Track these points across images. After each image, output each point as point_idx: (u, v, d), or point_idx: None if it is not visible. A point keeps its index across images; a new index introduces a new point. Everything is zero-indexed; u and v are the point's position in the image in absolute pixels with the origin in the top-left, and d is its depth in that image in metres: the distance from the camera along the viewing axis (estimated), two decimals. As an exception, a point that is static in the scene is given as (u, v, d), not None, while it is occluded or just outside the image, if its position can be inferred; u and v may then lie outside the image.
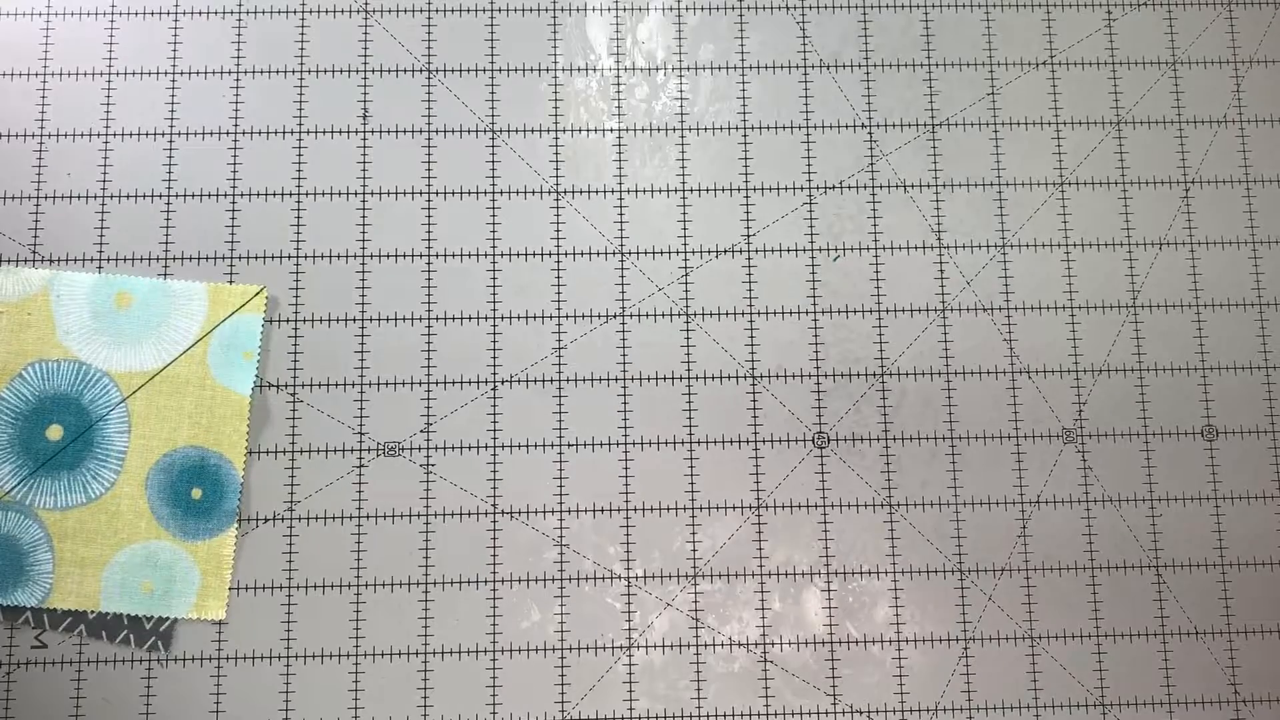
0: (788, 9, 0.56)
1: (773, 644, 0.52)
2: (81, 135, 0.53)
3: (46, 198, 0.53)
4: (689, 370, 0.53)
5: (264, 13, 0.55)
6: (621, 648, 0.52)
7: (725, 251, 0.54)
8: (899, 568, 0.53)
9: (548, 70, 0.55)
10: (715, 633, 0.52)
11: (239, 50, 0.54)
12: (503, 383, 0.53)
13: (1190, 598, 0.53)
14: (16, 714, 0.50)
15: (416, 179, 0.54)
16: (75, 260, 0.52)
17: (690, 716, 0.51)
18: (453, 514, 0.52)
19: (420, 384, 0.53)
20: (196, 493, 0.51)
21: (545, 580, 0.52)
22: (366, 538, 0.52)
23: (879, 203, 0.55)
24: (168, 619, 0.50)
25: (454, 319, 0.53)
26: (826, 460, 0.53)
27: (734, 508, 0.53)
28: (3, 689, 0.50)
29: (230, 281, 0.53)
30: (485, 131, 0.54)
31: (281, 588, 0.51)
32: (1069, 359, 0.54)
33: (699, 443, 0.53)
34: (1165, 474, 0.54)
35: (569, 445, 0.53)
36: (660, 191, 0.54)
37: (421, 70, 0.55)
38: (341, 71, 0.54)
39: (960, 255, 0.55)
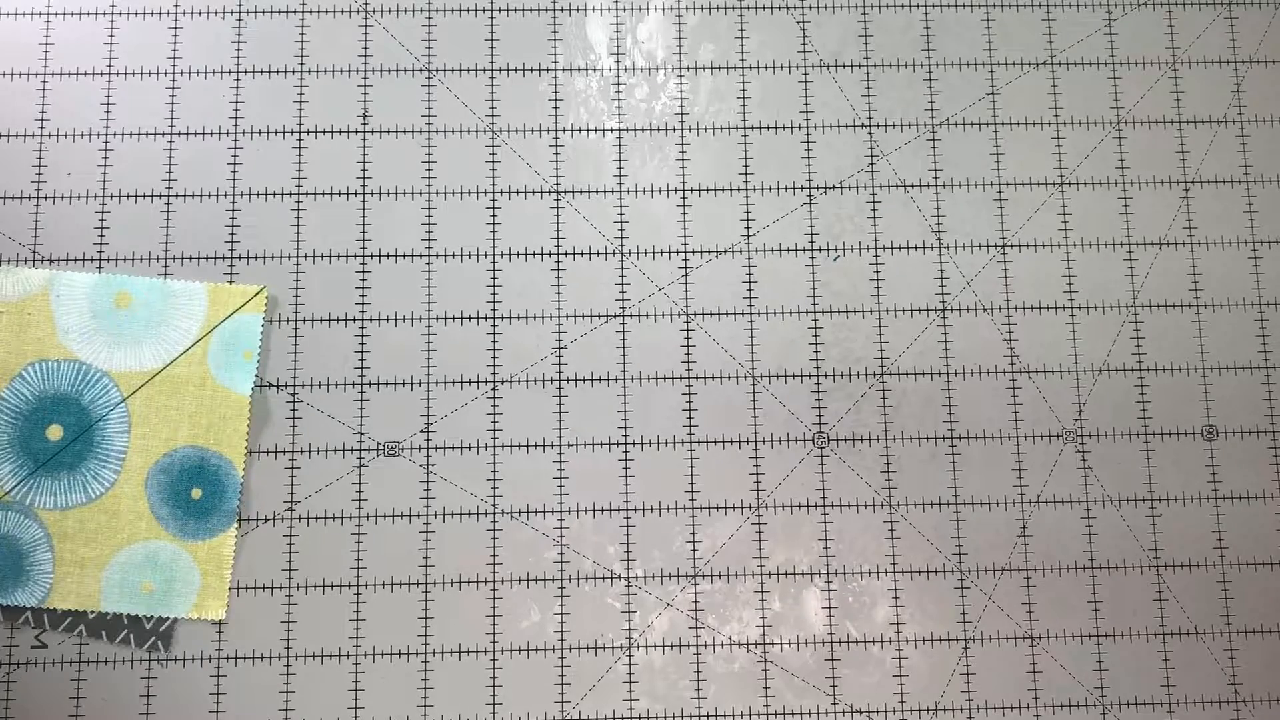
0: (788, 9, 0.56)
1: (773, 644, 0.52)
2: (81, 135, 0.53)
3: (46, 198, 0.53)
4: (689, 370, 0.53)
5: (264, 13, 0.55)
6: (621, 648, 0.52)
7: (725, 251, 0.54)
8: (899, 568, 0.53)
9: (548, 70, 0.55)
10: (715, 633, 0.52)
11: (239, 50, 0.54)
12: (503, 383, 0.53)
13: (1190, 598, 0.53)
14: (16, 714, 0.50)
15: (416, 179, 0.54)
16: (75, 260, 0.52)
17: (690, 716, 0.51)
18: (453, 514, 0.52)
19: (420, 384, 0.53)
20: (196, 493, 0.51)
21: (545, 580, 0.52)
22: (366, 538, 0.52)
23: (879, 203, 0.55)
24: (168, 619, 0.50)
25: (454, 319, 0.53)
26: (826, 460, 0.53)
27: (734, 508, 0.53)
28: (3, 689, 0.50)
29: (230, 281, 0.53)
30: (485, 131, 0.54)
31: (281, 588, 0.51)
32: (1069, 359, 0.54)
33: (699, 443, 0.53)
34: (1165, 474, 0.54)
35: (569, 445, 0.53)
36: (660, 191, 0.54)
37: (421, 70, 0.55)
38: (341, 71, 0.54)
39: (960, 255, 0.55)
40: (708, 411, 0.53)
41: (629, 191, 0.54)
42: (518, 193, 0.54)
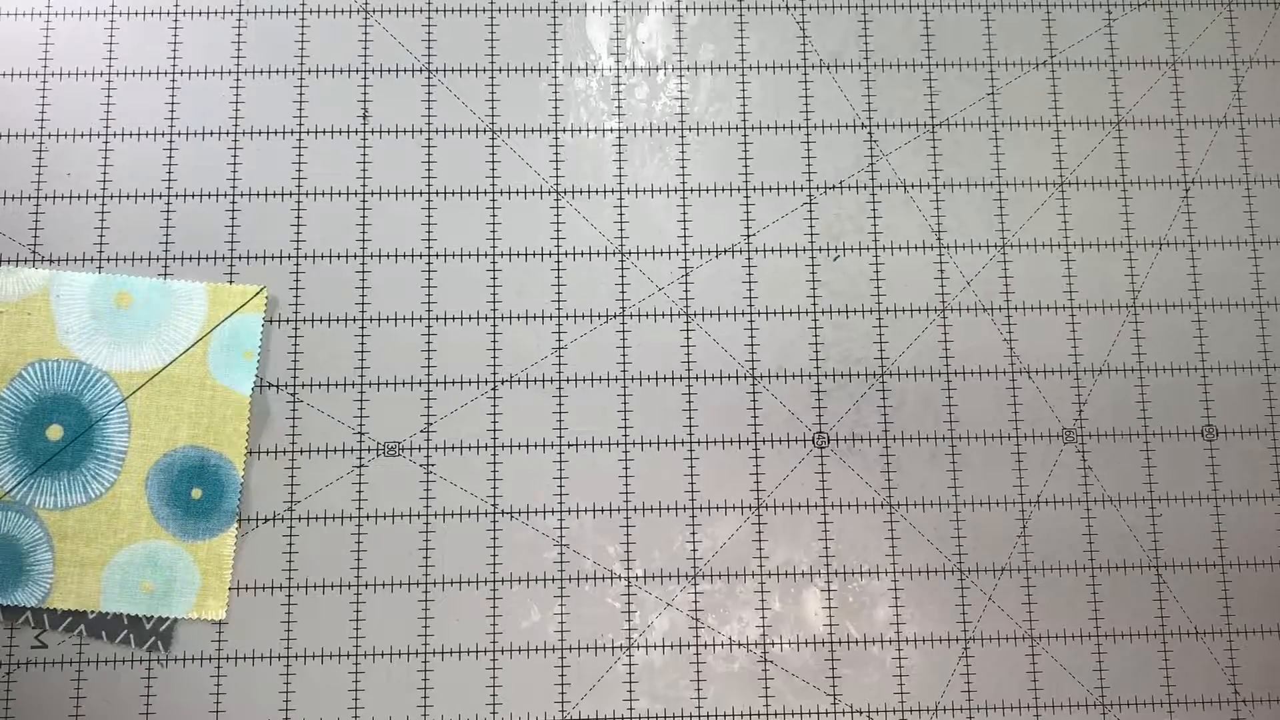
0: (788, 9, 0.56)
1: (773, 644, 0.52)
2: (81, 135, 0.53)
3: (46, 198, 0.53)
4: (689, 370, 0.53)
5: (264, 13, 0.55)
6: (621, 648, 0.52)
7: (725, 251, 0.54)
8: (899, 568, 0.53)
9: (548, 70, 0.55)
10: (715, 633, 0.52)
11: (239, 50, 0.54)
12: (503, 383, 0.53)
13: (1190, 598, 0.53)
14: (16, 714, 0.50)
15: (416, 179, 0.54)
16: (75, 260, 0.52)
17: (690, 716, 0.51)
18: (453, 514, 0.52)
19: (420, 384, 0.53)
20: (196, 493, 0.51)
21: (545, 580, 0.52)
22: (366, 538, 0.52)
23: (879, 203, 0.55)
24: (168, 619, 0.50)
25: (454, 319, 0.53)
26: (826, 460, 0.53)
27: (734, 508, 0.53)
28: (3, 689, 0.50)
29: (230, 281, 0.53)
30: (485, 131, 0.54)
31: (281, 588, 0.51)
32: (1069, 359, 0.54)
33: (699, 443, 0.53)
34: (1165, 474, 0.54)
35: (569, 445, 0.53)
36: (660, 191, 0.54)
37: (421, 70, 0.55)
38: (341, 71, 0.54)
39: (960, 255, 0.55)
40: (708, 411, 0.53)
41: (629, 191, 0.54)
42: (518, 193, 0.54)
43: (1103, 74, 0.56)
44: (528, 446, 0.52)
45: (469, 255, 0.54)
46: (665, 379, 0.53)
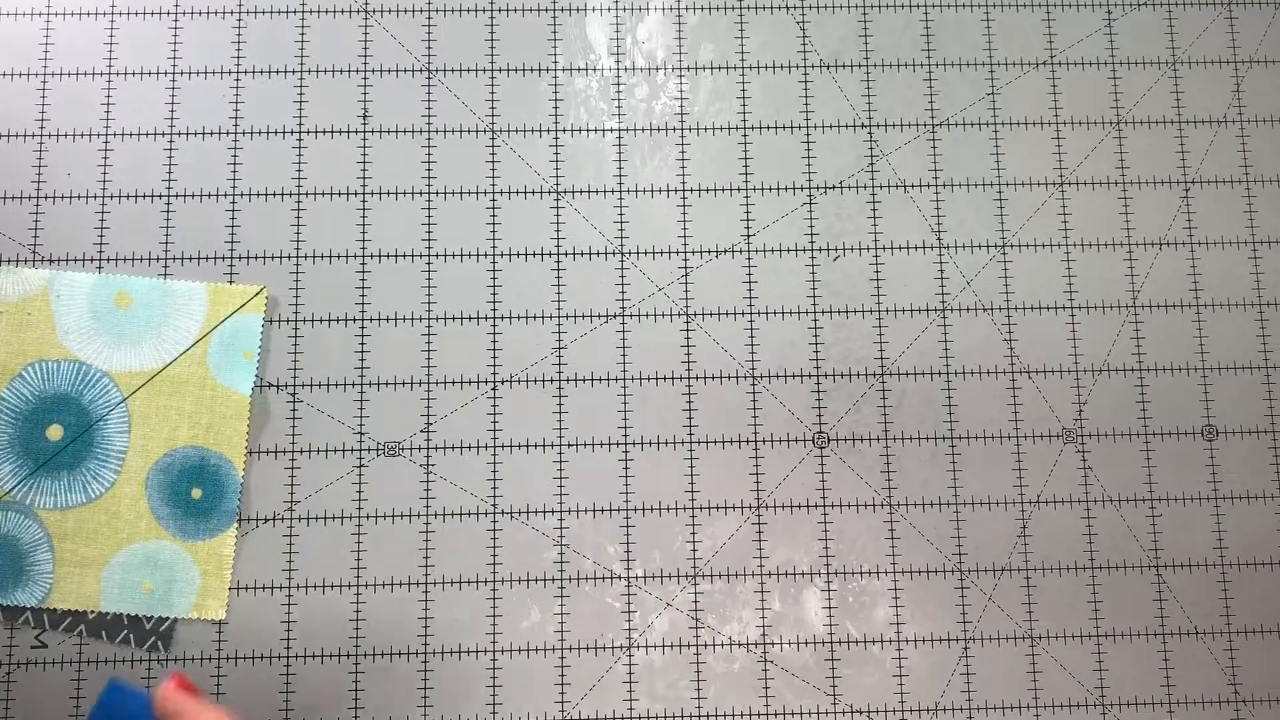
0: (788, 9, 0.56)
1: (773, 644, 0.52)
2: (81, 135, 0.53)
3: (46, 198, 0.53)
4: (689, 370, 0.53)
5: (264, 13, 0.55)
6: (621, 648, 0.52)
7: (725, 251, 0.54)
8: (899, 568, 0.53)
9: (548, 70, 0.55)
10: (715, 633, 0.52)
11: (239, 50, 0.54)
12: (503, 383, 0.53)
13: (1190, 598, 0.53)
14: (16, 714, 0.50)
15: (416, 179, 0.54)
16: (75, 260, 0.52)
17: (690, 716, 0.51)
18: (453, 514, 0.52)
19: (420, 384, 0.53)
20: (196, 493, 0.51)
21: (545, 580, 0.52)
22: (366, 538, 0.52)
23: (879, 203, 0.55)
24: (168, 619, 0.50)
25: (454, 319, 0.53)
26: (826, 460, 0.53)
27: (734, 508, 0.53)
28: (3, 689, 0.50)
29: (230, 281, 0.53)
30: (485, 131, 0.54)
31: (281, 588, 0.51)
32: (1069, 359, 0.54)
33: (699, 443, 0.53)
34: (1165, 474, 0.54)
35: (569, 445, 0.53)
36: (660, 191, 0.54)
37: (421, 70, 0.55)
38: (341, 71, 0.54)
39: (960, 255, 0.55)
40: (708, 411, 0.53)
41: (629, 191, 0.54)
42: (518, 193, 0.54)
43: (1103, 74, 0.56)
44: (528, 446, 0.52)
45: (469, 255, 0.54)
46: (665, 379, 0.53)
